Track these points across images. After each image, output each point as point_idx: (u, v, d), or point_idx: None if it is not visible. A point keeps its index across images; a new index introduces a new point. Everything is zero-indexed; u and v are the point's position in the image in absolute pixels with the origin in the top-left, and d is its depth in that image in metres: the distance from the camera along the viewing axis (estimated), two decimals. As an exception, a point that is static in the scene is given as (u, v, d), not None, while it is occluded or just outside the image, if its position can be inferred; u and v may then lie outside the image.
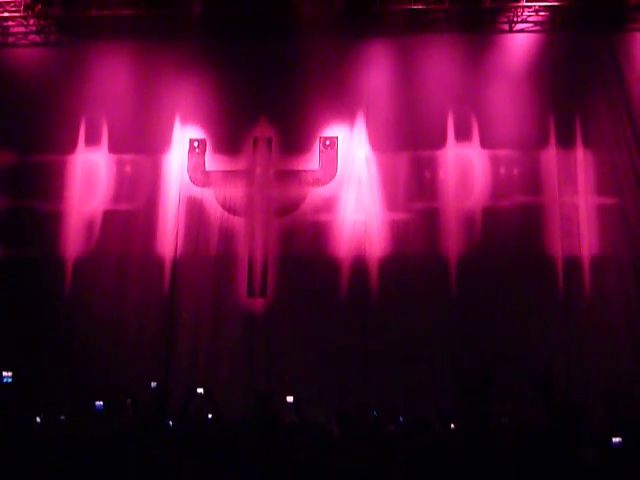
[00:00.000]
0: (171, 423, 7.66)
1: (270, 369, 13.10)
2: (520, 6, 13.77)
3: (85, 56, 14.41)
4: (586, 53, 13.72)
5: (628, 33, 13.90)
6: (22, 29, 14.66)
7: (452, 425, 7.36)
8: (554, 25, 13.95)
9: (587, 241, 13.29)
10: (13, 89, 14.29)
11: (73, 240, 13.93)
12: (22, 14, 14.31)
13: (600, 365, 12.53)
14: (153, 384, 9.89)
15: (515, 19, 13.96)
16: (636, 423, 7.13)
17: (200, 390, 9.22)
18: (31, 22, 14.52)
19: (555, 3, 13.69)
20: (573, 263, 13.21)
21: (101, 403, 9.30)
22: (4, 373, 9.21)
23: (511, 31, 14.04)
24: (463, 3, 13.83)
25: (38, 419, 9.17)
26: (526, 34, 14.00)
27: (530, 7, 13.81)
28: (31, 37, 14.74)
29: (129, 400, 9.53)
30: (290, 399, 9.07)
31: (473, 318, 12.93)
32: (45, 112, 14.23)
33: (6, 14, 14.38)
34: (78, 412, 9.50)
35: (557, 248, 13.27)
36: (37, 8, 14.23)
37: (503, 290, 13.00)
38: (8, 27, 14.66)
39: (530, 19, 14.01)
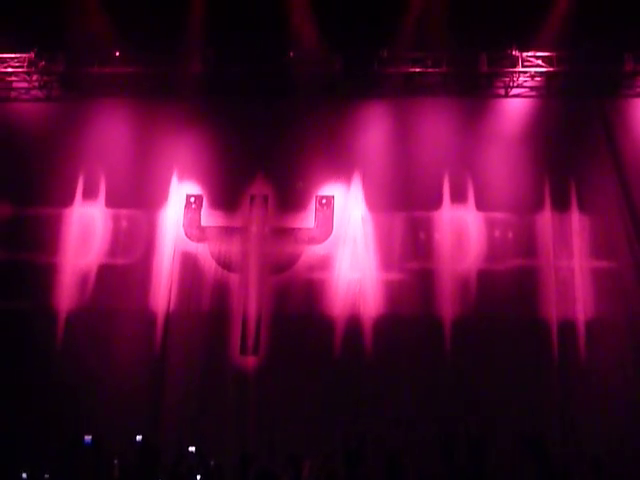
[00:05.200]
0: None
1: (261, 428, 12.93)
2: (516, 71, 14.00)
3: (86, 112, 14.64)
4: (581, 118, 13.92)
5: (622, 99, 14.12)
6: (25, 84, 14.87)
7: None
8: (549, 91, 14.25)
9: (582, 305, 13.26)
10: (14, 143, 14.46)
11: (67, 293, 13.87)
12: (26, 70, 14.53)
13: (595, 431, 12.36)
14: (139, 437, 9.73)
15: (511, 84, 14.22)
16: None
17: (192, 449, 9.06)
18: (34, 78, 14.73)
19: (551, 69, 13.90)
20: (568, 327, 13.16)
21: (90, 437, 9.17)
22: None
23: (507, 96, 14.29)
24: (460, 67, 14.05)
25: (24, 475, 9.02)
26: (522, 99, 14.22)
27: (526, 73, 14.05)
28: (33, 92, 14.95)
29: (116, 461, 9.32)
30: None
31: (467, 381, 12.81)
32: (44, 166, 14.36)
33: (10, 69, 14.60)
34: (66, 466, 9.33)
35: (552, 312, 13.23)
36: (41, 64, 14.46)
37: (497, 353, 12.91)
38: (11, 82, 14.90)
39: (526, 84, 14.27)
